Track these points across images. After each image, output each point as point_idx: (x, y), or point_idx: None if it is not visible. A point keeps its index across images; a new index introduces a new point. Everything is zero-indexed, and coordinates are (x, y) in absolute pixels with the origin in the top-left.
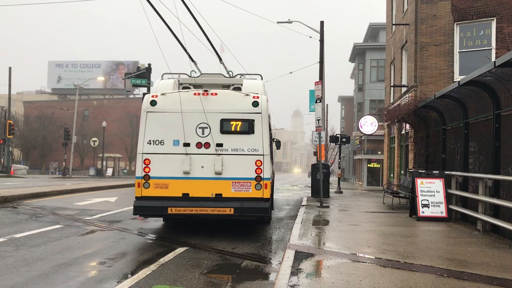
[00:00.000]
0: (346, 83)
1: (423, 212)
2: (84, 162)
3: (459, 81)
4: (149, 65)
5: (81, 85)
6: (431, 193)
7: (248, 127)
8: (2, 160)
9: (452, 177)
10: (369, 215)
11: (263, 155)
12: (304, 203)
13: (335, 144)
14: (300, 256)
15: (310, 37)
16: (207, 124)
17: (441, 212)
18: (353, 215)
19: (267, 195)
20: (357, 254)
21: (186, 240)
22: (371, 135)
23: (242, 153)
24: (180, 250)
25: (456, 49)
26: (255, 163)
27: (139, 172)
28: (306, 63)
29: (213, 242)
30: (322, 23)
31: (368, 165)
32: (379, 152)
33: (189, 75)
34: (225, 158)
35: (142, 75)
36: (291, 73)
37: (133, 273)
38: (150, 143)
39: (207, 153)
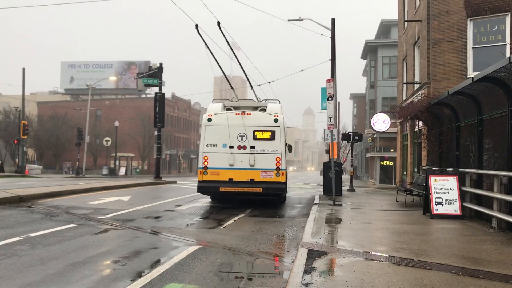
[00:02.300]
0: (358, 81)
1: (437, 210)
2: (97, 161)
3: (472, 78)
4: (161, 64)
5: (93, 85)
6: (445, 190)
7: (271, 136)
8: (17, 160)
9: (466, 175)
10: (382, 213)
11: (281, 153)
12: (316, 201)
13: (347, 142)
14: (313, 254)
15: (322, 34)
16: (245, 134)
17: (455, 210)
18: (366, 213)
19: (283, 180)
20: (371, 252)
21: (199, 239)
22: (383, 132)
23: (267, 152)
24: (193, 248)
25: (470, 45)
26: (276, 158)
27: (201, 164)
28: (317, 61)
29: (226, 241)
30: (333, 20)
31: (381, 162)
32: (392, 150)
33: (231, 100)
34: (256, 155)
35: (154, 74)
36: (302, 71)
37: (146, 271)
38: (208, 146)
39: (244, 152)
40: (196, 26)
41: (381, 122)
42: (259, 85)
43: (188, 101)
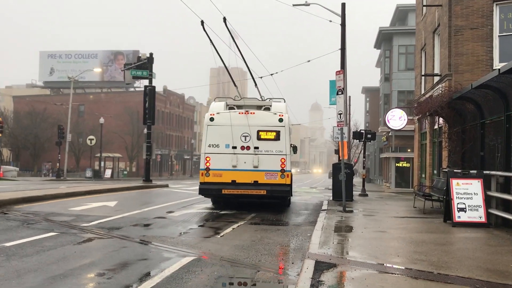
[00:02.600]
0: (371, 73)
1: (459, 217)
2: (80, 162)
3: (499, 69)
4: (151, 54)
5: (75, 77)
6: (468, 195)
7: (276, 136)
8: None
9: (492, 177)
10: (398, 221)
11: (286, 154)
12: (324, 207)
13: (359, 141)
14: (320, 266)
15: (330, 21)
16: (248, 134)
17: (480, 217)
18: (380, 221)
19: (288, 182)
20: (385, 265)
21: (194, 249)
22: (399, 130)
23: (272, 153)
24: (187, 260)
25: (496, 32)
26: (280, 160)
27: (202, 165)
28: (325, 51)
29: (223, 251)
30: (343, 5)
31: (397, 164)
32: (409, 150)
33: (233, 98)
34: (260, 156)
35: (143, 65)
36: (309, 61)
37: (135, 285)
38: (210, 146)
39: (248, 153)
40: (202, 22)
41: (397, 118)
42: (261, 77)
43: (181, 96)
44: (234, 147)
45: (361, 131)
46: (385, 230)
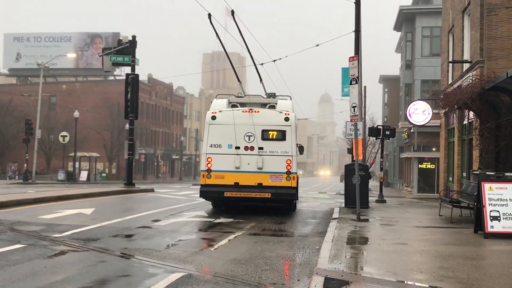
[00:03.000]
0: (390, 59)
1: (492, 226)
2: (51, 163)
3: None
4: (134, 37)
5: (46, 64)
6: (503, 202)
7: (281, 136)
8: None
9: None
10: (421, 231)
11: (292, 156)
12: (335, 215)
13: (376, 139)
14: (331, 284)
15: None
16: (252, 133)
17: None
18: (400, 231)
19: (294, 184)
20: (406, 282)
21: (183, 264)
22: (423, 126)
23: (277, 154)
24: (175, 276)
25: None
26: (286, 161)
27: (203, 167)
28: (337, 33)
29: (218, 266)
30: None
31: (420, 165)
32: (434, 149)
33: (236, 95)
34: (265, 157)
35: (125, 50)
36: (317, 45)
37: None
38: (211, 146)
39: (252, 154)
40: (209, 15)
41: (420, 112)
42: (262, 64)
43: (169, 85)
44: (237, 148)
45: (379, 127)
46: (406, 242)
